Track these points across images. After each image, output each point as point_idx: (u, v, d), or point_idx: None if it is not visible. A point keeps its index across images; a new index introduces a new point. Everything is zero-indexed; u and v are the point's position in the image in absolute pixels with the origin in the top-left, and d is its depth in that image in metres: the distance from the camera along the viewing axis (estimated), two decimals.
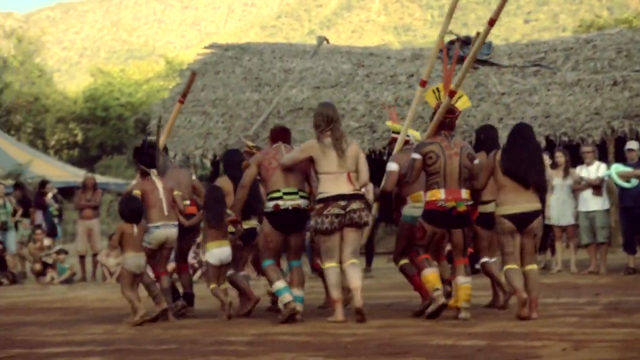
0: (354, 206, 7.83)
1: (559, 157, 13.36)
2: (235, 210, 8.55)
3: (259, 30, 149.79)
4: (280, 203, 8.11)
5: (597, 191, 12.97)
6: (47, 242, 15.87)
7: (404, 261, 8.48)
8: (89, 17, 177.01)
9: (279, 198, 8.13)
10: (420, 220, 7.88)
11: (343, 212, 7.81)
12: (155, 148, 9.29)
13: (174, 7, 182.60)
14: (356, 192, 7.89)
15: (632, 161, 12.73)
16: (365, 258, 14.21)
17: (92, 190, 15.64)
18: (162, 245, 8.95)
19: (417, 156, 7.80)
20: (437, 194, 7.73)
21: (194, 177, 9.98)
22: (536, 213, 7.75)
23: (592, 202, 13.01)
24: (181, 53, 77.04)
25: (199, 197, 9.51)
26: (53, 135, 47.89)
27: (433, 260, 7.98)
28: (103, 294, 12.31)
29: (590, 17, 53.43)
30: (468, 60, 8.59)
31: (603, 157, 14.77)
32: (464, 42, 20.41)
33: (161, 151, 9.46)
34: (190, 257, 14.25)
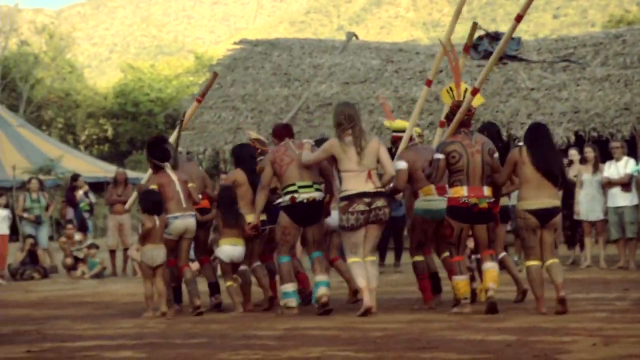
0: (378, 203, 8.03)
1: (588, 153, 13.29)
2: (256, 213, 8.75)
3: (288, 25, 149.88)
4: (295, 196, 8.32)
5: (626, 187, 12.91)
6: (78, 237, 16.00)
7: (419, 258, 8.62)
8: (119, 13, 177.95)
9: (294, 191, 8.34)
10: (446, 218, 7.99)
11: (368, 209, 7.98)
12: (166, 142, 9.45)
13: (204, 3, 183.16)
14: (379, 190, 8.06)
15: None
16: (394, 253, 14.25)
17: (124, 185, 15.73)
18: (182, 235, 9.09)
19: (441, 156, 7.94)
20: (460, 191, 7.88)
21: (201, 169, 10.24)
22: (557, 209, 7.92)
23: (621, 198, 12.94)
24: (210, 48, 77.21)
25: (209, 189, 9.72)
26: (84, 130, 48.19)
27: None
28: (133, 289, 12.37)
29: (619, 12, 53.04)
30: (493, 57, 8.60)
31: (632, 153, 14.66)
32: (493, 38, 20.35)
33: (173, 146, 9.61)
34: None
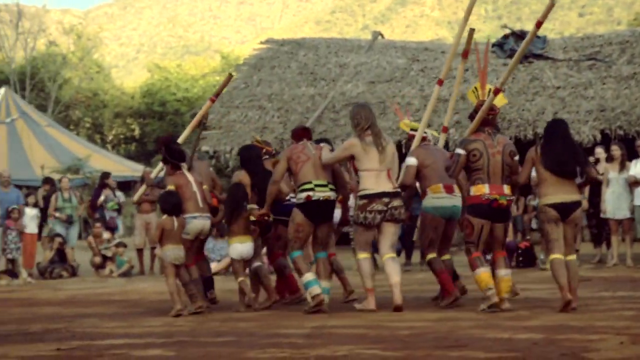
0: (396, 203, 8.22)
1: (615, 151, 13.26)
2: (266, 204, 8.87)
3: (314, 25, 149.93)
4: (311, 194, 8.45)
5: None
6: (106, 236, 16.12)
7: (432, 255, 8.72)
8: (146, 14, 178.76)
9: (311, 190, 8.46)
10: (466, 216, 8.10)
11: (386, 209, 8.16)
12: (176, 144, 9.55)
13: (230, 3, 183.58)
14: (396, 190, 8.23)
15: None
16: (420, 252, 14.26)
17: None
18: (197, 236, 9.20)
19: (462, 151, 8.04)
20: (482, 189, 7.99)
21: (211, 169, 10.40)
22: (577, 203, 8.02)
23: None
24: (237, 48, 77.49)
25: (216, 189, 9.87)
26: (111, 130, 48.44)
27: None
28: (161, 287, 12.38)
29: None
30: (514, 59, 8.66)
31: None
32: (519, 36, 20.33)
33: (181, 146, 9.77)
34: None
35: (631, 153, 13.48)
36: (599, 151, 13.89)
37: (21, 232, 15.21)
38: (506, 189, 8.06)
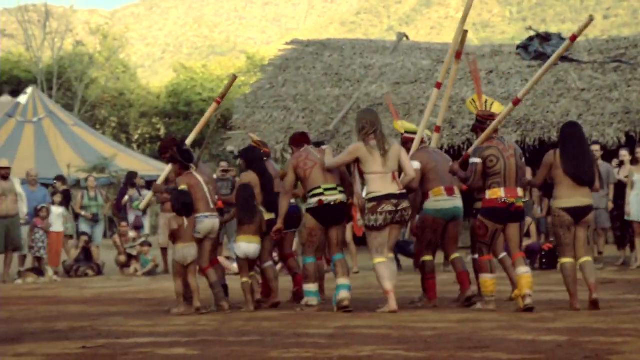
0: (404, 205, 8.38)
1: (639, 154, 13.22)
2: (280, 217, 9.00)
3: (339, 26, 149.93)
4: (323, 198, 8.62)
5: None
6: (132, 235, 16.21)
7: (428, 257, 8.97)
8: (172, 14, 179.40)
9: (321, 194, 8.63)
10: (480, 218, 8.35)
11: (395, 210, 8.31)
12: (186, 145, 9.73)
13: (255, 4, 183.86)
14: (402, 192, 8.40)
15: None
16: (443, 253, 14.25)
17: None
18: (207, 235, 9.28)
19: (478, 160, 8.31)
20: (498, 192, 8.23)
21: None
22: (590, 207, 8.28)
23: None
24: (262, 49, 77.52)
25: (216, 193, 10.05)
26: (136, 129, 48.65)
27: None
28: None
29: None
30: (541, 71, 8.84)
31: None
32: (544, 39, 20.28)
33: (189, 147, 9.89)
34: None
35: None
36: (624, 153, 13.84)
37: (47, 231, 15.35)
38: (519, 192, 8.34)
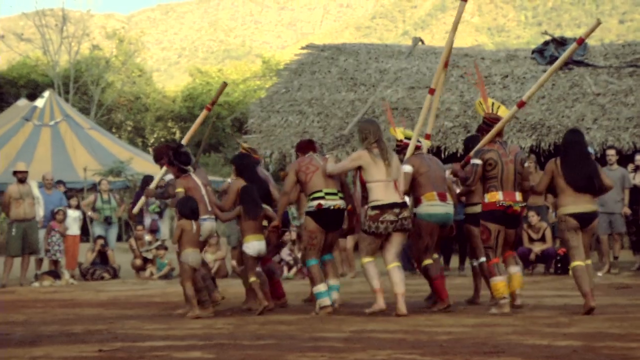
0: (405, 214, 8.53)
1: None
2: (278, 215, 9.28)
3: (354, 30, 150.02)
4: (322, 202, 8.76)
5: None
6: (148, 238, 16.26)
7: (428, 261, 9.04)
8: (188, 18, 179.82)
9: (321, 198, 8.78)
10: (482, 222, 8.52)
11: (397, 219, 8.44)
12: (183, 148, 9.76)
13: (271, 8, 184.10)
14: (404, 201, 8.56)
15: None
16: (459, 257, 14.27)
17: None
18: (207, 237, 9.52)
19: (479, 161, 8.52)
20: (496, 196, 8.43)
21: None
22: (595, 214, 8.46)
23: None
24: (277, 53, 77.69)
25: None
26: (152, 133, 48.81)
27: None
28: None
29: None
30: (545, 75, 8.91)
31: None
32: (559, 43, 20.24)
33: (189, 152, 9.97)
34: (285, 254, 14.49)
35: None
36: (639, 158, 13.83)
37: (63, 234, 15.42)
38: (518, 196, 8.49)
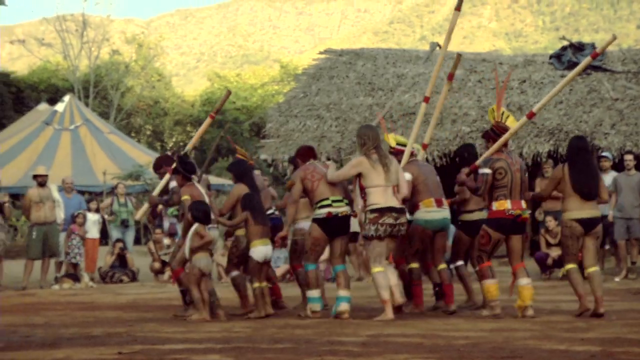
0: (402, 220, 8.68)
1: None
2: (286, 225, 9.44)
3: (372, 35, 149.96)
4: (331, 210, 8.88)
5: None
6: (167, 242, 16.33)
7: (415, 265, 9.28)
8: (207, 23, 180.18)
9: (329, 205, 8.90)
10: (485, 227, 8.67)
11: (395, 223, 8.56)
12: (189, 157, 9.95)
13: (289, 13, 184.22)
14: (402, 207, 8.66)
15: None
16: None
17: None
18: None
19: (488, 171, 8.63)
20: (505, 204, 8.57)
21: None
22: (599, 219, 8.68)
23: None
24: (295, 58, 77.78)
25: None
26: (171, 137, 48.90)
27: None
28: (219, 293, 12.55)
29: None
30: (561, 85, 9.11)
31: None
32: (577, 48, 20.20)
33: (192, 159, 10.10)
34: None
35: None
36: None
37: (83, 237, 15.52)
38: (524, 204, 8.67)
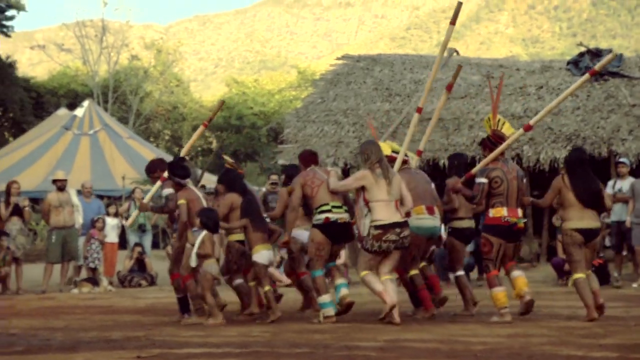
0: (406, 233, 8.68)
1: None
2: (287, 231, 9.43)
3: (389, 41, 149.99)
4: (330, 216, 8.98)
5: None
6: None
7: (414, 272, 9.30)
8: (225, 29, 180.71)
9: (328, 211, 8.99)
10: (485, 235, 8.79)
11: (398, 238, 8.60)
12: (185, 161, 9.94)
13: (306, 19, 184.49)
14: (405, 220, 8.71)
15: None
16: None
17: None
18: None
19: (484, 180, 8.83)
20: (501, 211, 8.74)
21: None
22: (599, 230, 8.83)
23: None
24: (313, 63, 77.83)
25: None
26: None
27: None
28: (236, 297, 12.60)
29: None
30: (558, 99, 9.26)
31: None
32: (594, 54, 20.17)
33: (192, 164, 10.12)
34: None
35: None
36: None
37: (102, 242, 15.60)
38: (519, 212, 8.83)
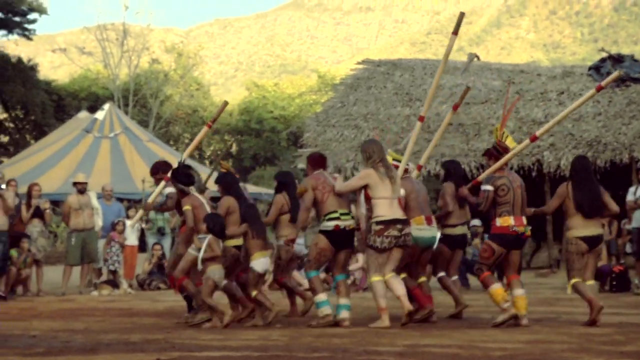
0: (407, 230, 8.85)
1: None
2: (297, 229, 9.75)
3: (409, 46, 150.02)
4: (339, 223, 9.04)
5: None
6: None
7: (403, 275, 9.37)
8: (245, 33, 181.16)
9: (337, 219, 9.05)
10: (488, 242, 8.93)
11: (399, 235, 8.72)
12: (190, 168, 9.98)
13: (327, 24, 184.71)
14: (406, 218, 8.89)
15: None
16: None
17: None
18: None
19: (490, 188, 8.90)
20: (509, 220, 8.84)
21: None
22: (601, 237, 8.97)
23: None
24: (333, 68, 77.97)
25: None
26: (209, 146, 49.21)
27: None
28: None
29: None
30: (567, 111, 9.64)
31: None
32: (616, 60, 20.10)
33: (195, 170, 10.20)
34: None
35: None
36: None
37: (122, 245, 15.67)
38: (524, 220, 8.91)
